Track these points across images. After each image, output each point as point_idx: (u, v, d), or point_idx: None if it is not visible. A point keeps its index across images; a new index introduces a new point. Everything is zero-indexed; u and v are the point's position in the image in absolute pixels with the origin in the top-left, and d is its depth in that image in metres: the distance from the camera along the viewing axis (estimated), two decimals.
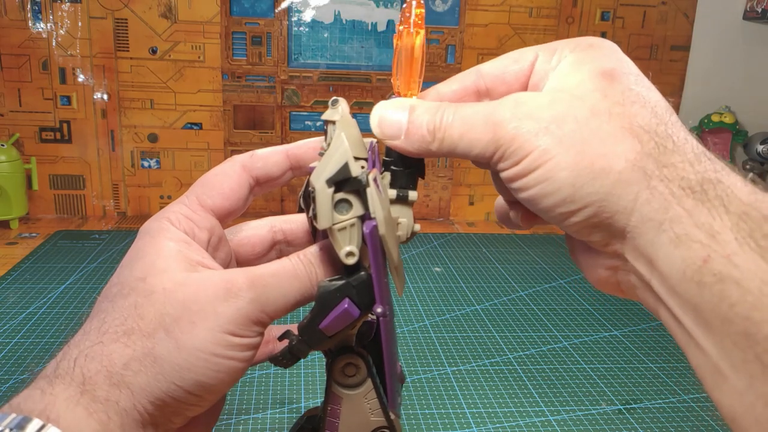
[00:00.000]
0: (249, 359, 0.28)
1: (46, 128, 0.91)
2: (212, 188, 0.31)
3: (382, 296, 0.29)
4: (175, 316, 0.27)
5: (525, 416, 0.48)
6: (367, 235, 0.28)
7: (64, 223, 0.91)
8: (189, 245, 0.29)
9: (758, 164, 0.99)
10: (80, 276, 0.71)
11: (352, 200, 0.28)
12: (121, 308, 0.27)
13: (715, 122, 0.99)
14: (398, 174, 0.30)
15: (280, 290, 0.28)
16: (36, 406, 0.25)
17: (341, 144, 0.28)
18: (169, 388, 0.26)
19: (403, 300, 0.68)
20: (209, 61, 0.91)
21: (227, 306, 0.27)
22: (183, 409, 0.28)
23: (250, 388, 0.50)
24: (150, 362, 0.26)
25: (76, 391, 0.26)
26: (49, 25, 0.87)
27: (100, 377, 0.26)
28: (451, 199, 1.01)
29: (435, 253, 0.84)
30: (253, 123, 0.95)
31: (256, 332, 0.28)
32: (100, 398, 0.26)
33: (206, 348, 0.27)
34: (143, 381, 0.26)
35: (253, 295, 0.28)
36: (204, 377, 0.27)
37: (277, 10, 0.91)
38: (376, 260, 0.28)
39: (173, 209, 0.30)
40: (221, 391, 0.28)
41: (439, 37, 0.94)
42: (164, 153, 0.94)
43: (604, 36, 0.97)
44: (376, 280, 0.29)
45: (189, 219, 0.30)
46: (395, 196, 0.30)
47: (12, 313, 0.61)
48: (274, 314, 0.28)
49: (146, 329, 0.27)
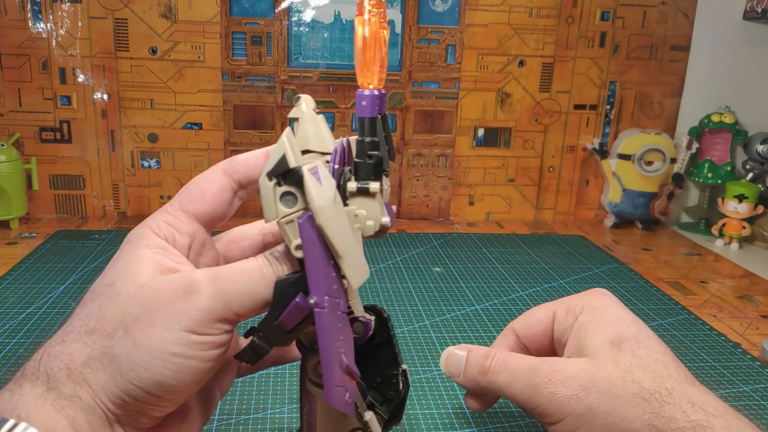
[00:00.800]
0: (214, 359, 0.28)
1: (46, 128, 0.91)
2: (194, 194, 0.32)
3: (316, 287, 0.28)
4: (134, 316, 0.27)
5: (525, 416, 0.48)
6: (299, 225, 0.28)
7: (64, 223, 0.91)
8: (166, 251, 0.30)
9: (758, 164, 0.99)
10: (80, 276, 0.71)
11: (297, 193, 0.29)
12: (87, 311, 0.28)
13: (715, 122, 0.99)
14: (360, 166, 0.30)
15: (245, 287, 0.28)
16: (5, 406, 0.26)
17: (280, 138, 0.29)
18: (127, 387, 0.26)
19: (403, 300, 0.68)
20: (209, 61, 0.91)
21: (186, 303, 0.27)
22: (146, 409, 0.28)
23: (250, 388, 0.50)
24: (108, 361, 0.27)
25: (42, 389, 0.26)
26: (49, 25, 0.87)
27: (62, 375, 0.26)
28: (451, 199, 1.01)
29: (435, 253, 0.84)
30: (253, 123, 0.95)
31: (220, 330, 0.28)
32: (66, 395, 0.26)
33: (164, 347, 0.26)
34: (102, 379, 0.27)
35: (213, 290, 0.27)
36: (162, 377, 0.26)
37: (277, 10, 0.91)
38: (308, 251, 0.28)
39: (156, 217, 0.31)
40: (184, 392, 0.28)
41: (439, 37, 0.94)
42: (164, 153, 0.94)
43: (603, 36, 0.97)
44: (309, 270, 0.28)
45: (170, 225, 0.31)
46: (356, 188, 0.29)
47: (12, 313, 0.61)
48: (241, 311, 0.28)
49: (107, 329, 0.27)
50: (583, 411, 0.32)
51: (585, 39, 0.97)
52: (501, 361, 0.36)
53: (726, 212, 0.94)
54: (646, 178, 0.99)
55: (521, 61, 0.97)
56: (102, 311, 0.28)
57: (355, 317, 0.34)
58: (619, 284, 0.76)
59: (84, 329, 0.27)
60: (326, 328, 0.29)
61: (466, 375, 0.37)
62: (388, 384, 0.35)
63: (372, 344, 0.35)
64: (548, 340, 0.40)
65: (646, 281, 0.78)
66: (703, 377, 0.55)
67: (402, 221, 0.99)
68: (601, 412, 0.32)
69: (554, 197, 1.03)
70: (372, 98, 0.30)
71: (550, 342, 0.40)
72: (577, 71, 0.99)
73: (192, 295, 0.27)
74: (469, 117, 0.98)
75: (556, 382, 0.33)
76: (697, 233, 1.00)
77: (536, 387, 0.34)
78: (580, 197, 1.04)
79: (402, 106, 0.96)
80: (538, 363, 0.35)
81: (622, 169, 0.99)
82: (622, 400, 0.32)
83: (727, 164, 1.00)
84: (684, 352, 0.60)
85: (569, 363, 0.34)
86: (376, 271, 0.76)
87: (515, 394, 0.34)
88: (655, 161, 0.98)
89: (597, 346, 0.35)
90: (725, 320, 0.68)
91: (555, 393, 0.33)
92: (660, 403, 0.32)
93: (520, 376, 0.34)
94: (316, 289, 0.28)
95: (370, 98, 0.30)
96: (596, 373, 0.33)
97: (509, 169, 1.01)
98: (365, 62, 0.29)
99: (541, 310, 0.40)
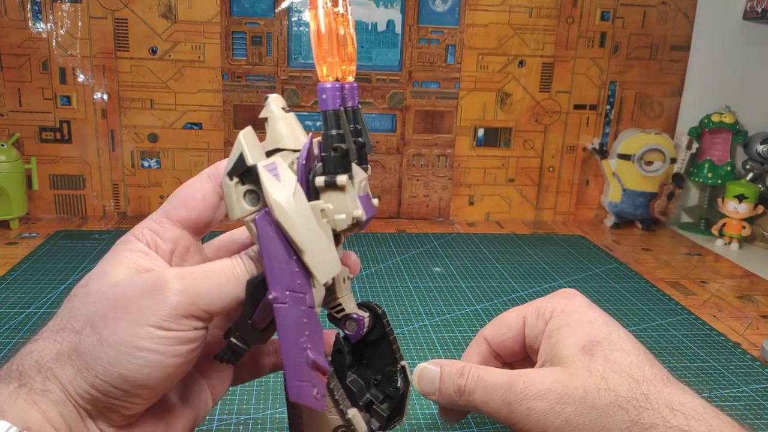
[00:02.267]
0: (183, 354, 0.28)
1: (46, 128, 0.91)
2: (178, 201, 0.32)
3: (274, 282, 0.28)
4: (102, 313, 0.28)
5: None
6: (255, 221, 0.28)
7: (64, 223, 0.91)
8: (146, 255, 0.31)
9: (758, 164, 0.99)
10: (80, 276, 0.71)
11: (258, 191, 0.29)
12: (60, 312, 0.29)
13: (715, 122, 0.99)
14: (326, 159, 0.30)
15: (215, 285, 0.29)
16: None
17: (237, 138, 0.29)
18: (94, 382, 0.27)
19: (403, 300, 0.68)
20: (209, 61, 0.91)
21: (152, 299, 0.27)
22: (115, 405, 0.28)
23: (250, 388, 0.50)
24: (75, 356, 0.27)
25: (14, 386, 0.27)
26: (49, 25, 0.87)
27: (33, 371, 0.27)
28: (451, 199, 1.01)
29: (435, 253, 0.84)
30: (253, 123, 0.95)
31: (188, 326, 0.28)
32: (37, 390, 0.27)
33: (129, 341, 0.27)
34: (70, 374, 0.27)
35: (179, 287, 0.28)
36: (126, 371, 0.27)
37: (277, 10, 0.91)
38: (264, 246, 0.28)
39: (141, 225, 0.32)
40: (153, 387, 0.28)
41: (439, 37, 0.94)
42: (164, 153, 0.94)
43: (604, 36, 0.97)
44: (266, 265, 0.28)
45: (153, 232, 0.31)
46: (323, 182, 0.29)
47: (12, 313, 0.61)
48: (211, 309, 0.29)
49: (75, 326, 0.28)
50: (561, 424, 0.32)
51: (585, 39, 0.97)
52: (476, 379, 0.35)
53: (726, 212, 0.94)
54: (646, 178, 0.99)
55: (521, 61, 0.97)
56: (73, 311, 0.29)
57: (347, 314, 0.34)
58: (619, 284, 0.76)
59: (55, 328, 0.29)
60: (287, 324, 0.29)
61: (441, 394, 0.36)
62: (387, 381, 0.35)
63: (369, 341, 0.35)
64: (520, 346, 0.39)
65: (646, 281, 0.78)
66: (703, 377, 0.55)
67: (402, 221, 0.99)
68: (578, 423, 0.32)
69: (554, 197, 1.03)
70: (333, 90, 0.29)
71: (522, 347, 0.39)
72: (577, 71, 0.99)
73: (159, 292, 0.28)
74: (469, 117, 0.98)
75: (531, 397, 0.33)
76: (697, 233, 1.00)
77: (512, 405, 0.33)
78: (580, 197, 1.04)
79: (402, 106, 0.96)
80: (512, 378, 0.34)
81: (622, 169, 0.99)
82: (598, 410, 0.32)
83: (727, 164, 1.00)
84: (684, 352, 0.60)
85: (542, 375, 0.34)
86: (376, 271, 0.76)
87: (493, 412, 0.34)
88: (655, 161, 0.98)
89: (569, 353, 0.34)
90: (725, 320, 0.68)
91: (532, 408, 0.33)
92: (638, 410, 0.31)
93: (495, 394, 0.34)
94: (274, 284, 0.28)
95: (331, 90, 0.29)
96: (570, 383, 0.33)
97: (509, 169, 1.01)
98: (321, 55, 0.29)
99: (511, 315, 0.40)
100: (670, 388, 0.32)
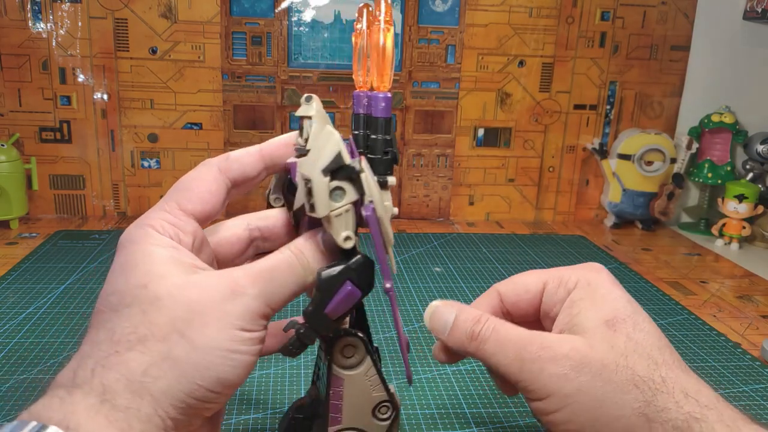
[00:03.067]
0: (258, 352, 0.30)
1: (46, 128, 0.91)
2: (191, 193, 0.32)
3: (386, 273, 0.32)
4: (185, 319, 0.27)
5: (526, 416, 0.48)
6: (368, 217, 0.30)
7: (64, 223, 0.91)
8: (178, 250, 0.30)
9: (758, 164, 0.99)
10: (80, 276, 0.71)
11: (345, 187, 0.30)
12: (128, 317, 0.28)
13: (715, 122, 0.99)
14: (376, 162, 0.32)
15: (281, 284, 0.30)
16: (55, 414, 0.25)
17: (331, 135, 0.30)
18: (191, 388, 0.27)
19: (403, 300, 0.68)
20: (209, 61, 0.91)
21: (235, 304, 0.28)
22: (203, 408, 0.28)
23: (250, 389, 0.50)
24: (169, 366, 0.27)
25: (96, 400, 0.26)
26: (49, 25, 0.87)
27: (120, 386, 0.26)
28: (451, 199, 1.01)
29: (435, 253, 0.84)
30: (254, 123, 0.95)
31: (262, 326, 0.30)
32: (121, 407, 0.26)
33: (222, 345, 0.28)
34: (164, 385, 0.27)
35: (257, 291, 0.29)
36: (223, 373, 0.28)
37: (277, 10, 0.91)
38: (377, 241, 0.31)
39: (155, 216, 0.31)
40: (237, 385, 0.29)
41: (439, 37, 0.94)
42: (164, 153, 0.94)
43: (604, 36, 0.97)
44: (381, 258, 0.31)
45: (173, 225, 0.31)
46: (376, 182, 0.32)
47: (12, 313, 0.61)
48: (276, 307, 0.30)
49: (159, 334, 0.27)
50: (571, 391, 0.31)
51: (585, 39, 0.97)
52: (491, 329, 0.34)
53: (726, 212, 0.94)
54: (646, 178, 0.99)
55: (521, 61, 0.97)
56: (148, 317, 0.27)
57: None
58: None
59: (134, 337, 0.27)
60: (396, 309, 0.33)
61: (452, 336, 0.36)
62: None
63: None
64: (534, 309, 0.38)
65: (646, 281, 0.78)
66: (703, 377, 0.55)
67: (402, 221, 0.99)
68: (589, 394, 0.31)
69: (554, 197, 1.03)
70: (388, 100, 0.32)
71: (536, 311, 0.38)
72: (577, 71, 0.99)
73: (239, 297, 0.29)
74: (469, 117, 0.98)
75: (547, 359, 0.32)
76: (697, 233, 1.00)
77: (525, 361, 0.33)
78: (580, 197, 1.04)
79: (402, 106, 0.96)
80: (530, 336, 0.34)
81: (622, 169, 0.99)
82: (612, 385, 0.31)
83: (727, 164, 1.00)
84: (684, 352, 0.60)
85: (562, 340, 0.33)
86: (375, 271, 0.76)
87: (501, 365, 0.33)
88: (655, 161, 0.98)
89: (591, 325, 0.33)
90: (725, 320, 0.68)
91: (544, 369, 0.32)
92: (653, 391, 0.31)
93: (509, 348, 0.33)
94: (387, 275, 0.32)
95: (387, 100, 0.32)
96: (589, 354, 0.32)
97: (509, 169, 1.01)
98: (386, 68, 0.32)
99: (531, 277, 0.39)
100: (686, 376, 0.33)
